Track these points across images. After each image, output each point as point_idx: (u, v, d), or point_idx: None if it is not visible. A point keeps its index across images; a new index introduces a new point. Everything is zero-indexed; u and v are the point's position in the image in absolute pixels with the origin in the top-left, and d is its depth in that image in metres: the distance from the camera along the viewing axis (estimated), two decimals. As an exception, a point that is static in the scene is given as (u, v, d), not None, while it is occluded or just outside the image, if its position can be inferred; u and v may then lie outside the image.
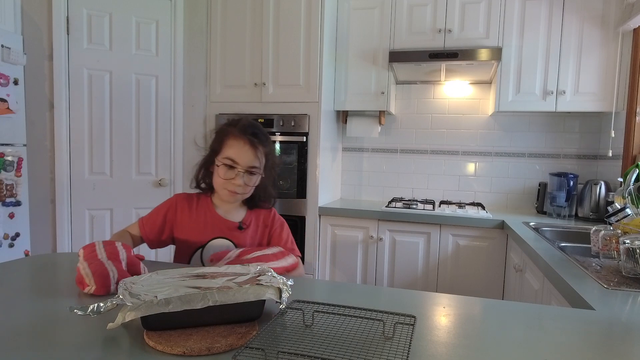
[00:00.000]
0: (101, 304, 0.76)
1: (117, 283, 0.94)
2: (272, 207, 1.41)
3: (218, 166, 1.26)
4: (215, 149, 1.29)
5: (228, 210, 1.34)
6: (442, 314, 0.92)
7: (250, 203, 1.37)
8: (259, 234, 1.35)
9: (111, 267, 0.97)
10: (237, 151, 1.24)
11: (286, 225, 1.41)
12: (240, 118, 1.31)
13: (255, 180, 1.28)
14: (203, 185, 1.35)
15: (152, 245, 1.37)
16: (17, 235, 2.34)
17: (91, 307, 0.75)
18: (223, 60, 2.77)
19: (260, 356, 0.65)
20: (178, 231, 1.33)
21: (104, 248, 1.06)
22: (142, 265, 1.07)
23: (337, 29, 2.80)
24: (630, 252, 1.22)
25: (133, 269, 1.03)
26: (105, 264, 0.98)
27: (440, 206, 2.70)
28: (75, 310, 0.74)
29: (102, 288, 0.94)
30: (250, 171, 1.25)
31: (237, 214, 1.35)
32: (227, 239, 1.30)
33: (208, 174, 1.32)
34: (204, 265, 1.29)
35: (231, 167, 1.24)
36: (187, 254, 1.31)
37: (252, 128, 1.28)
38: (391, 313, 0.83)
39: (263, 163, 1.29)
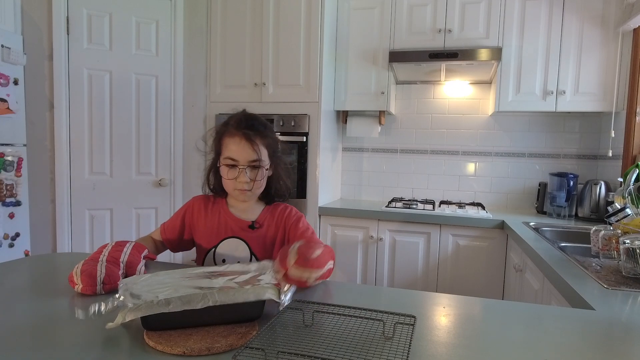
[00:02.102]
0: (102, 306, 0.76)
1: (103, 283, 0.97)
2: (287, 198, 1.37)
3: (220, 167, 1.24)
4: (217, 151, 1.26)
5: (244, 210, 1.31)
6: (442, 314, 0.92)
7: (267, 198, 1.33)
8: (272, 231, 1.31)
9: (101, 269, 0.98)
10: (235, 148, 1.20)
11: (304, 218, 1.35)
12: (235, 113, 1.27)
13: (262, 173, 1.24)
14: (214, 188, 1.33)
15: (174, 249, 1.37)
16: (17, 235, 2.33)
17: (92, 309, 0.75)
18: (223, 60, 2.77)
19: (260, 356, 0.65)
20: (195, 233, 1.33)
21: (110, 249, 1.08)
22: (138, 267, 1.08)
23: (337, 29, 2.80)
24: (630, 252, 1.22)
25: (129, 271, 1.06)
26: (98, 264, 1.00)
27: (440, 206, 2.70)
28: (77, 316, 0.74)
29: (88, 287, 0.95)
30: (252, 165, 1.22)
31: (253, 213, 1.31)
32: (239, 238, 1.28)
33: (218, 177, 1.29)
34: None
35: (233, 166, 1.21)
36: (202, 256, 1.31)
37: (247, 121, 1.23)
38: (391, 313, 0.83)
39: (265, 154, 1.24)
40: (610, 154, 2.45)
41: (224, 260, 1.28)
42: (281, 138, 2.60)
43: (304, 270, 0.89)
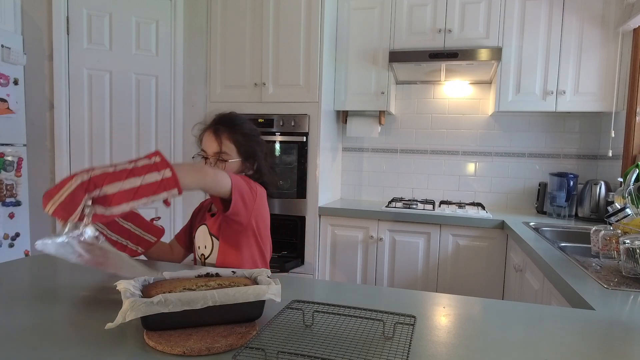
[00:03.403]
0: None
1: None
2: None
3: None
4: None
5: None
6: (442, 314, 0.92)
7: None
8: None
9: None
10: (204, 141, 1.32)
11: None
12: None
13: (230, 166, 1.29)
14: None
15: (185, 245, 1.45)
16: (17, 235, 2.33)
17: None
18: (223, 60, 2.76)
19: (260, 356, 0.65)
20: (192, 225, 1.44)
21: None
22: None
23: (337, 29, 2.80)
24: (630, 252, 1.22)
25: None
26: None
27: (440, 206, 2.70)
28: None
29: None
30: (218, 158, 1.29)
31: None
32: (205, 224, 1.34)
33: None
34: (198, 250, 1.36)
35: (205, 158, 1.31)
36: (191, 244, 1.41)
37: (223, 117, 1.34)
38: (391, 313, 0.83)
39: (233, 149, 1.30)
40: (610, 154, 2.45)
41: (199, 247, 1.34)
42: (281, 138, 2.63)
43: (49, 204, 0.82)
